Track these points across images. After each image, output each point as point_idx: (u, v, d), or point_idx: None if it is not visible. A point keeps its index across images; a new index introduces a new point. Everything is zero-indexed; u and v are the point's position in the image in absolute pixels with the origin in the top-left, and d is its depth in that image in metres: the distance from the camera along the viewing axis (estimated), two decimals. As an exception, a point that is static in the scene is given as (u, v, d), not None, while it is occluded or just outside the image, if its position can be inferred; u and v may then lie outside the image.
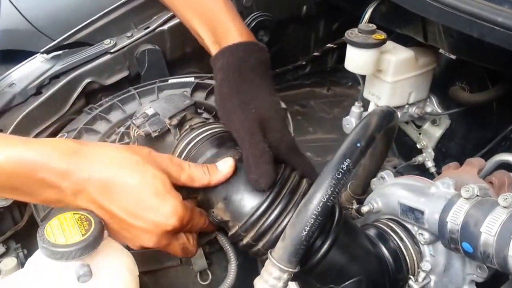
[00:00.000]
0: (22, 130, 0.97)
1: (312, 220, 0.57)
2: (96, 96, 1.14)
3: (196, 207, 0.67)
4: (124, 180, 0.59)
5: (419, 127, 1.29)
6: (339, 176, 0.58)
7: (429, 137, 1.26)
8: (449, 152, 1.23)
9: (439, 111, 1.22)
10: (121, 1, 1.16)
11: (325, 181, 0.57)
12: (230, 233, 0.67)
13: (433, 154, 1.24)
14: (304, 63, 1.56)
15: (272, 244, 0.61)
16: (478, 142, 1.16)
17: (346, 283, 0.63)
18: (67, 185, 0.57)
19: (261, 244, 0.64)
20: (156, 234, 0.62)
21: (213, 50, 0.77)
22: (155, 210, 0.60)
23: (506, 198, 0.58)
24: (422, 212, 0.67)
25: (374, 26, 1.03)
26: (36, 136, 1.03)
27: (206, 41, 0.78)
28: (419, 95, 1.17)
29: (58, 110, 1.06)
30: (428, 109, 1.23)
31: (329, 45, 1.56)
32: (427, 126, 1.27)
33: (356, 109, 1.15)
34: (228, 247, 0.75)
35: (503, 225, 0.57)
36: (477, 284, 0.69)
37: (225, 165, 0.67)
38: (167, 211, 0.61)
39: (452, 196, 0.64)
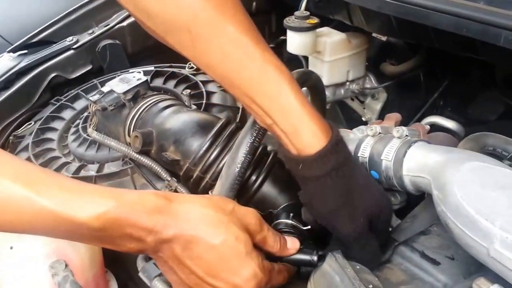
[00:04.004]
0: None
1: (243, 158, 0.68)
2: (62, 90, 1.23)
3: (274, 266, 0.65)
4: (207, 239, 0.59)
5: (362, 102, 1.43)
6: None
7: (371, 110, 1.40)
8: (389, 121, 1.37)
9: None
10: (82, 2, 1.26)
11: (250, 127, 0.69)
12: (182, 172, 0.78)
13: (375, 124, 1.38)
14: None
15: (218, 175, 0.72)
16: (413, 111, 1.30)
17: (281, 206, 0.74)
18: (152, 240, 0.58)
19: (208, 175, 0.75)
20: None
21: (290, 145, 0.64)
22: (234, 272, 0.60)
23: (398, 130, 0.71)
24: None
25: (308, 13, 1.18)
26: (5, 128, 1.12)
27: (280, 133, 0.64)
28: (357, 72, 1.30)
29: (25, 103, 1.15)
30: (368, 86, 1.36)
31: (282, 37, 1.70)
32: (368, 100, 1.40)
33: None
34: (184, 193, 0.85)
35: (397, 151, 0.69)
36: (395, 212, 0.81)
37: (293, 246, 0.67)
38: (246, 274, 0.60)
39: (362, 136, 0.76)
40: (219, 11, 0.63)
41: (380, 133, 0.74)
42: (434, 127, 1.17)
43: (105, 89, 0.89)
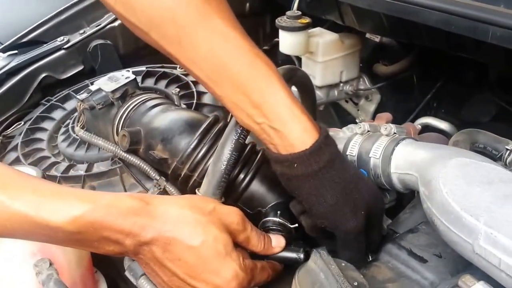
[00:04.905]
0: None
1: (228, 155, 0.67)
2: (54, 90, 1.22)
3: (257, 264, 0.64)
4: (186, 240, 0.58)
5: (356, 104, 1.42)
6: None
7: (365, 111, 1.40)
8: (382, 123, 1.37)
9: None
10: (73, 1, 1.26)
11: (235, 124, 0.68)
12: (170, 171, 0.77)
13: (369, 126, 1.37)
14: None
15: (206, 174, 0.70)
16: (406, 112, 1.30)
17: (270, 204, 0.73)
18: (130, 243, 0.57)
19: (196, 174, 0.74)
20: None
21: (280, 142, 0.62)
22: (215, 273, 0.59)
23: (386, 128, 0.70)
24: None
25: (299, 12, 1.17)
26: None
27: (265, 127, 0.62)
28: (350, 73, 1.30)
29: (15, 103, 1.15)
30: (362, 87, 1.36)
31: (276, 39, 1.69)
32: (362, 102, 1.40)
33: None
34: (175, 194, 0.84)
35: (385, 149, 0.69)
36: (385, 212, 0.80)
37: (279, 244, 0.67)
38: (227, 275, 0.59)
39: (351, 135, 0.76)
40: (206, 4, 0.62)
41: (368, 131, 0.74)
42: (428, 128, 1.17)
43: (93, 87, 0.88)
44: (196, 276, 0.59)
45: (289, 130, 0.61)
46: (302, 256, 0.65)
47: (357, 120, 1.41)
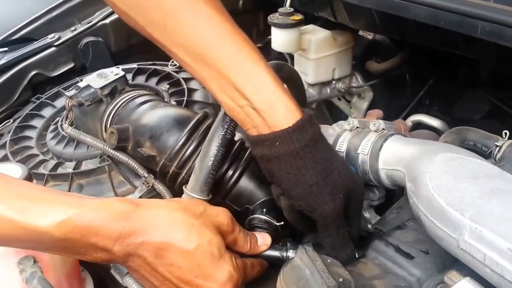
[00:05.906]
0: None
1: (215, 151, 0.67)
2: (45, 88, 1.22)
3: (247, 262, 0.64)
4: (180, 245, 0.57)
5: (349, 101, 1.42)
6: None
7: (358, 109, 1.39)
8: (374, 120, 1.36)
9: (363, 85, 1.36)
10: (64, -2, 1.26)
11: (221, 119, 0.67)
12: (158, 168, 0.77)
13: (361, 123, 1.37)
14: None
15: None
16: (398, 109, 1.30)
17: (258, 202, 0.73)
18: (119, 249, 0.55)
19: (184, 171, 0.74)
20: None
21: (261, 123, 0.61)
22: (210, 277, 0.58)
23: (375, 124, 0.70)
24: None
25: (292, 9, 1.17)
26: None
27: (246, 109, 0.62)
28: (343, 71, 1.30)
29: (5, 101, 1.14)
30: (354, 85, 1.36)
31: (270, 37, 1.69)
32: (355, 100, 1.40)
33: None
34: (164, 192, 0.83)
35: (373, 145, 0.68)
36: (374, 209, 0.80)
37: (264, 242, 0.67)
38: (222, 278, 0.58)
39: (340, 131, 0.75)
40: None
41: (358, 127, 0.73)
42: (420, 126, 1.17)
43: (82, 84, 0.87)
44: (190, 281, 0.58)
45: (272, 110, 0.61)
46: (285, 254, 0.65)
47: (349, 118, 1.40)
